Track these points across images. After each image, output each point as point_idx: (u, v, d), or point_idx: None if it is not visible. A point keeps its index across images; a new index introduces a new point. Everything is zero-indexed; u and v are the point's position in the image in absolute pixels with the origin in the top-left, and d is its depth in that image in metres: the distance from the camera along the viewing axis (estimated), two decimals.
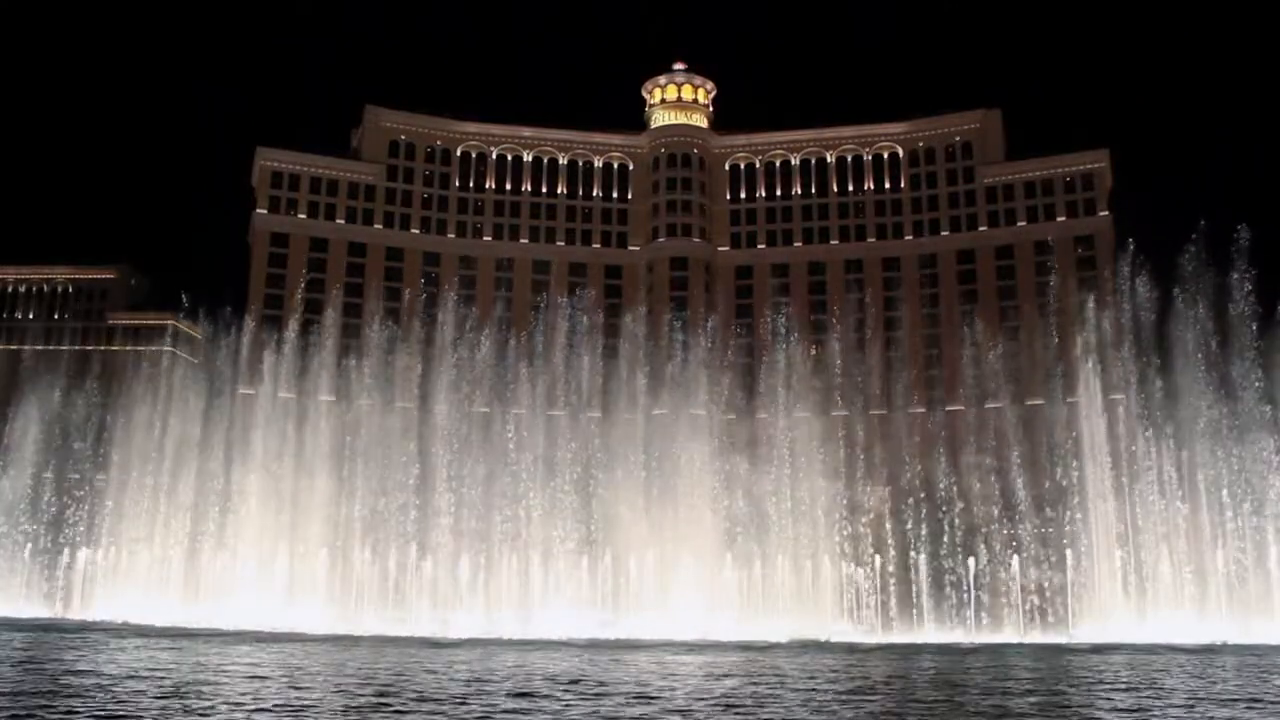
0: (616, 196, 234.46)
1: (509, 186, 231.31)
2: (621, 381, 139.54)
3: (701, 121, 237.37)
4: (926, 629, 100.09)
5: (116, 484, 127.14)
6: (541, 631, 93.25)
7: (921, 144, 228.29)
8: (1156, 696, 45.20)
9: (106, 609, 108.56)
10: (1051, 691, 48.08)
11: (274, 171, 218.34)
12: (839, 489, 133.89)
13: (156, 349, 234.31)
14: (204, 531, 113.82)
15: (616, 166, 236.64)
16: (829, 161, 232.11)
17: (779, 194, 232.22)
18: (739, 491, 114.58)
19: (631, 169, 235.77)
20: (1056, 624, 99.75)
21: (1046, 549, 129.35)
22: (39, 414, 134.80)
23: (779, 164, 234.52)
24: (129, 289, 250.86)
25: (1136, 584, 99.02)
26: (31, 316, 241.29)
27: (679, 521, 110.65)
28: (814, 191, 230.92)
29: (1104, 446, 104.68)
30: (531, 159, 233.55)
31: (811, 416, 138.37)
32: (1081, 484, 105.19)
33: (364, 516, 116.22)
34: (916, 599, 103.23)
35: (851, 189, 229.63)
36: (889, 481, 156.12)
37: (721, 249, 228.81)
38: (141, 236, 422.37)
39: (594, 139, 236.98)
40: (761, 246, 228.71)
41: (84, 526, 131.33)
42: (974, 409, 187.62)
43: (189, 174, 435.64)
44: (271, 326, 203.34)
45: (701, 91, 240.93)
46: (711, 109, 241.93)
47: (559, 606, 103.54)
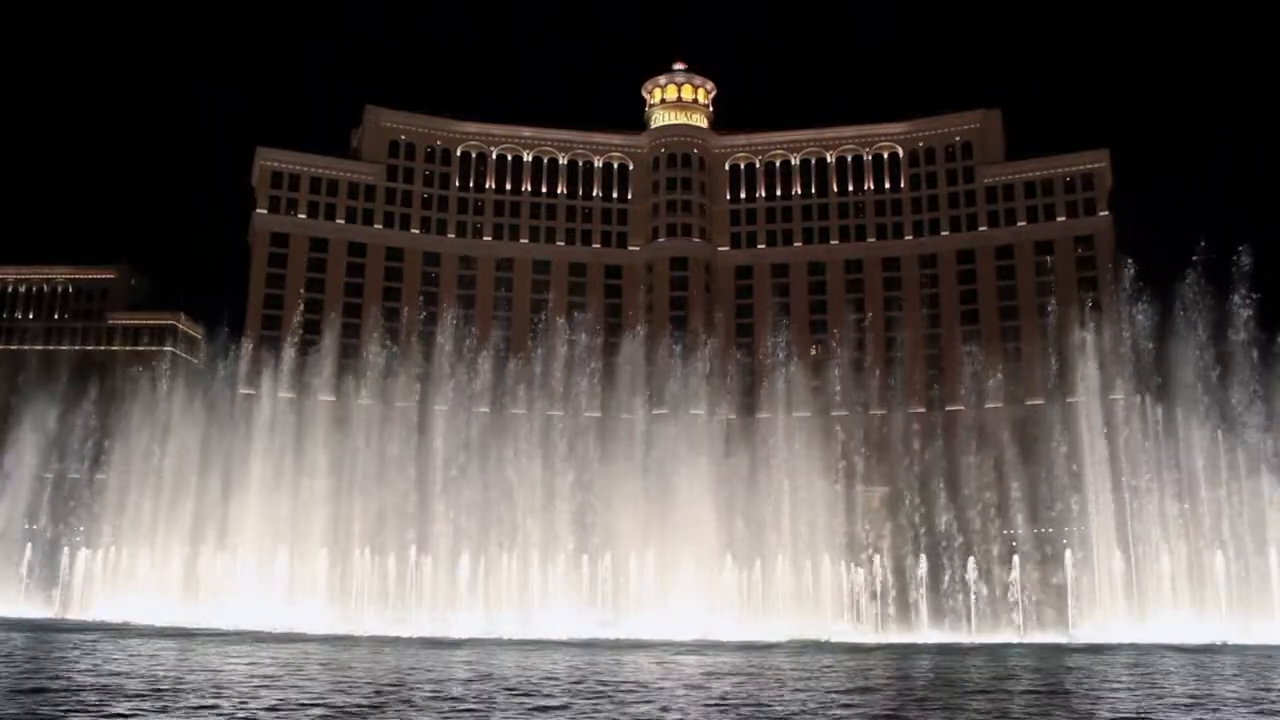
0: (616, 196, 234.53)
1: (509, 186, 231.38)
2: (621, 381, 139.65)
3: (701, 121, 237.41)
4: (926, 629, 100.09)
5: (117, 484, 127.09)
6: (541, 631, 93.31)
7: (921, 144, 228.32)
8: (1156, 697, 45.22)
9: (106, 609, 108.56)
10: (1051, 692, 48.11)
11: (274, 171, 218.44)
12: (839, 489, 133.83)
13: (157, 349, 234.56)
14: (204, 532, 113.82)
15: (616, 166, 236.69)
16: (829, 161, 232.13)
17: (779, 194, 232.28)
18: (739, 492, 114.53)
19: (631, 169, 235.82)
20: (1056, 624, 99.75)
21: (1046, 549, 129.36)
22: (39, 414, 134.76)
23: (779, 164, 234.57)
24: (129, 289, 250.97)
25: (1136, 584, 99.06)
26: (31, 316, 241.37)
27: (679, 521, 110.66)
28: (814, 191, 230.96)
29: (1103, 446, 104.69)
30: (531, 159, 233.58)
31: (811, 416, 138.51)
32: (1081, 483, 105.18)
33: (364, 516, 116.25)
34: (916, 599, 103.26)
35: (851, 189, 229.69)
36: (889, 482, 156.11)
37: (721, 249, 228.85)
38: (141, 236, 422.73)
39: (594, 139, 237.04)
40: (761, 246, 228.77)
41: (84, 526, 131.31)
42: (974, 409, 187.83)
43: (189, 174, 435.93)
44: (272, 326, 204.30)
45: (701, 91, 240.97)
46: (711, 109, 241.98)
47: (559, 606, 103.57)
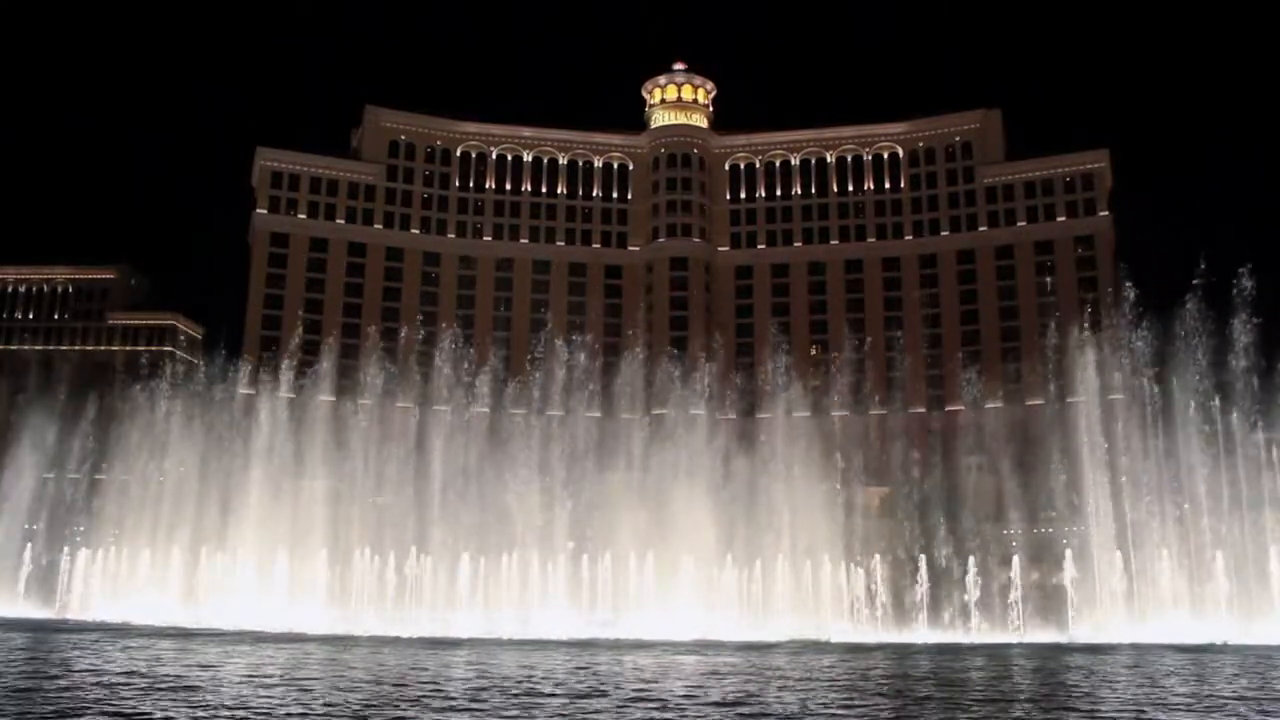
0: (616, 196, 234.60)
1: (509, 186, 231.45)
2: (622, 382, 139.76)
3: (701, 121, 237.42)
4: (926, 629, 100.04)
5: (116, 484, 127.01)
6: (541, 631, 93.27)
7: (921, 144, 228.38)
8: (1156, 697, 45.25)
9: (106, 609, 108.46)
10: (1051, 692, 48.13)
11: (274, 171, 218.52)
12: (839, 489, 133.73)
13: (156, 349, 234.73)
14: (204, 532, 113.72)
15: (616, 166, 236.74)
16: (829, 161, 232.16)
17: (779, 194, 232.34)
18: (739, 492, 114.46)
19: (631, 169, 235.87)
20: (1056, 624, 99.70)
21: (1046, 549, 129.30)
22: (39, 414, 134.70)
23: (779, 164, 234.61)
24: (129, 289, 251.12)
25: (1136, 584, 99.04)
26: (31, 316, 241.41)
27: (678, 521, 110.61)
28: (814, 191, 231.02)
29: (1103, 446, 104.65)
30: (531, 159, 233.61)
31: (811, 417, 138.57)
32: (1081, 483, 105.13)
33: (364, 516, 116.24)
34: (916, 599, 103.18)
35: (851, 189, 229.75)
36: (888, 482, 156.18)
37: (721, 249, 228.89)
38: (141, 236, 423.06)
39: (594, 139, 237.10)
40: (761, 246, 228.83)
41: (84, 526, 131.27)
42: (974, 409, 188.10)
43: (189, 174, 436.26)
44: (272, 326, 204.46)
45: (701, 91, 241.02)
46: (711, 109, 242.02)
47: (558, 606, 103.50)
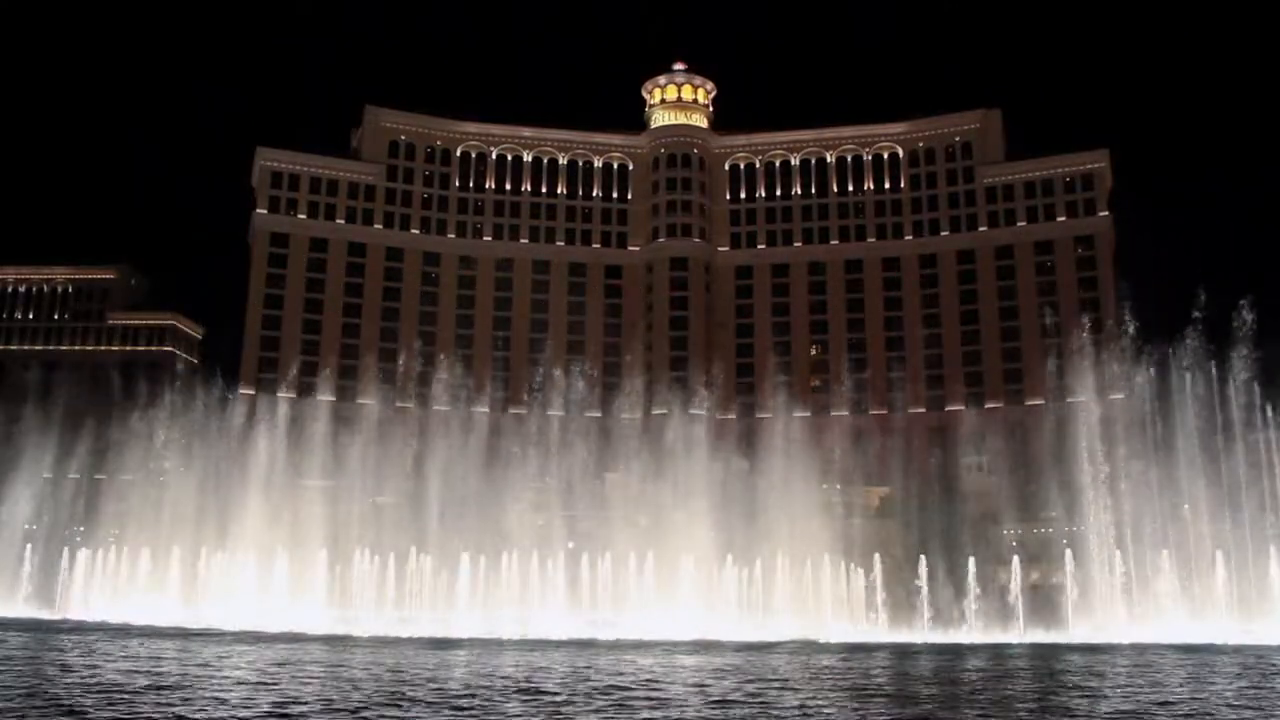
0: (616, 196, 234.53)
1: (509, 186, 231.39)
2: (622, 382, 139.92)
3: (701, 121, 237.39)
4: (926, 629, 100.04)
5: (117, 485, 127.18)
6: (541, 632, 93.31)
7: (921, 144, 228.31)
8: (1156, 697, 45.26)
9: (107, 609, 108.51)
10: (1051, 691, 48.15)
11: (274, 171, 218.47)
12: (839, 489, 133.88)
13: (156, 349, 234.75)
14: (204, 532, 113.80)
15: (616, 166, 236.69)
16: (829, 161, 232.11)
17: (779, 194, 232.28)
18: (739, 492, 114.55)
19: (631, 169, 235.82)
20: (1056, 624, 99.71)
21: (1045, 548, 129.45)
22: (39, 414, 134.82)
23: (779, 164, 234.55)
24: (129, 289, 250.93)
25: (1136, 584, 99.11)
26: (31, 316, 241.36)
27: (678, 521, 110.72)
28: (814, 191, 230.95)
29: (1103, 446, 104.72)
30: (531, 159, 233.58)
31: (811, 416, 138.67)
32: (1080, 483, 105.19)
33: (364, 517, 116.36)
34: (916, 599, 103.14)
35: (851, 189, 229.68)
36: (888, 482, 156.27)
37: (721, 249, 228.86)
38: (141, 236, 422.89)
39: (594, 139, 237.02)
40: (761, 246, 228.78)
41: (84, 527, 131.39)
42: (973, 409, 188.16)
43: (189, 174, 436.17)
44: (271, 326, 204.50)
45: (701, 91, 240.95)
46: (711, 109, 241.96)
47: (558, 607, 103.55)
